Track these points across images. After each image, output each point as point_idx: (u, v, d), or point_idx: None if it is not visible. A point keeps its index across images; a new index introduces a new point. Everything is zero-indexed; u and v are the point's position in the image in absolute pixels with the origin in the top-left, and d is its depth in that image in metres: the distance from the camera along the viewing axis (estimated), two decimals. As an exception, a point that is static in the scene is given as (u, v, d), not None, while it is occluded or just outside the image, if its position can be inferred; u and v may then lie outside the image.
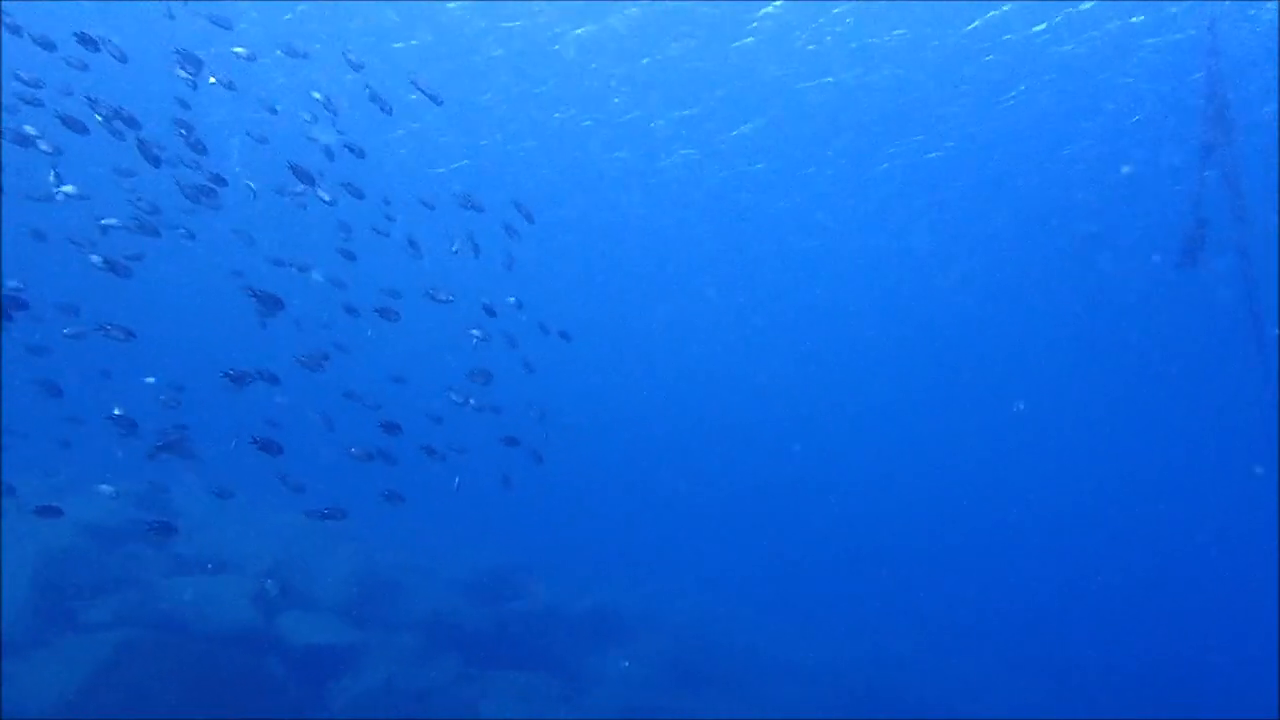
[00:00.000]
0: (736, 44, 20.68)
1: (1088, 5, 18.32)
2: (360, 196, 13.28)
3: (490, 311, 13.72)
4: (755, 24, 19.77)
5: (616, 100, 22.98)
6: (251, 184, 13.99)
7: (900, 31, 19.54)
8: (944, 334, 32.12)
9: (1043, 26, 18.97)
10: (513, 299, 14.48)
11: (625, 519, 30.90)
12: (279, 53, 17.78)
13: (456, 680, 16.57)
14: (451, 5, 20.20)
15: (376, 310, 11.97)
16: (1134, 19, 18.41)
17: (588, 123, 23.64)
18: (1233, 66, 17.59)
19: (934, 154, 23.73)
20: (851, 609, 24.14)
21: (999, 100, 21.40)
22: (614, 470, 33.77)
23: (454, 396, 13.37)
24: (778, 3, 19.06)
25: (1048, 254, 26.49)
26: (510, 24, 20.37)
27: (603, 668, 18.76)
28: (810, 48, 20.38)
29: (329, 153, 15.01)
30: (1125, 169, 23.06)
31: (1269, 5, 18.21)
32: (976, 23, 19.20)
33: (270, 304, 9.38)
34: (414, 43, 21.49)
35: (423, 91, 14.98)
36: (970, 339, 32.03)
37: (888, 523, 33.35)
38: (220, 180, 11.11)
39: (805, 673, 19.52)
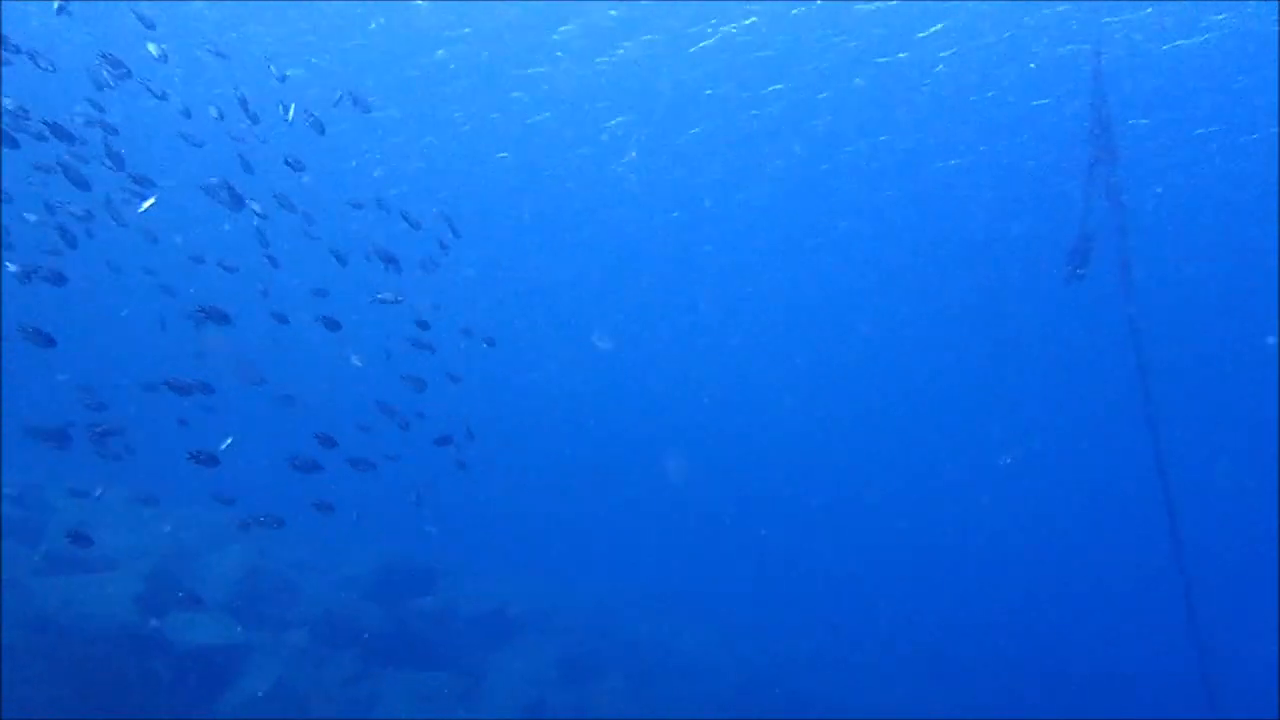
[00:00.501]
0: (693, 48, 20.76)
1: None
2: (291, 209, 13.08)
3: (424, 325, 13.71)
4: (711, 29, 19.90)
5: (570, 100, 22.84)
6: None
7: (846, 40, 19.81)
8: (856, 338, 32.90)
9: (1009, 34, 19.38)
10: (425, 316, 14.38)
11: (531, 518, 30.77)
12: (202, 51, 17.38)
13: (350, 681, 16.24)
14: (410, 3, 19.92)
15: (321, 319, 11.84)
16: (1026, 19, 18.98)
17: (542, 116, 23.35)
18: (1117, 83, 18.37)
19: (871, 161, 24.19)
20: (749, 607, 24.47)
21: (943, 108, 21.90)
22: (523, 471, 33.60)
23: (387, 405, 13.31)
24: (743, 23, 19.25)
25: (947, 260, 27.35)
26: (464, 30, 20.14)
27: (503, 666, 18.61)
28: (764, 54, 20.59)
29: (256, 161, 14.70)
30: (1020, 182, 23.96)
31: (1153, 27, 19.07)
32: (934, 27, 19.52)
33: (216, 318, 9.27)
34: (362, 43, 21.08)
35: (354, 100, 14.97)
36: (883, 345, 32.87)
37: (789, 522, 33.93)
38: (146, 182, 10.89)
39: (703, 669, 19.70)
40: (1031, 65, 19.90)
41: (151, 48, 12.70)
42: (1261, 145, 22.15)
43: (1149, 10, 18.35)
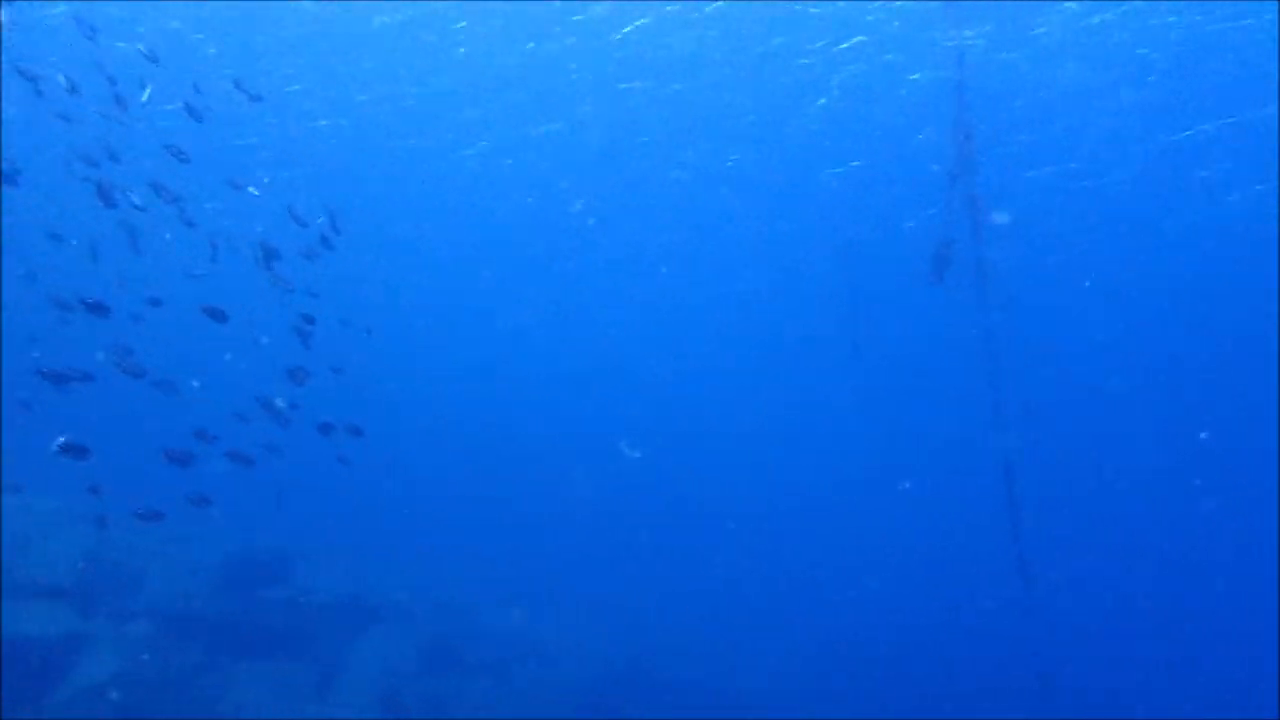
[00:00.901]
0: (551, 43, 20.57)
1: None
2: (171, 199, 12.64)
3: (309, 319, 13.44)
4: (575, 22, 19.76)
5: (421, 88, 22.32)
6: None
7: (704, 42, 19.98)
8: (717, 332, 33.42)
9: (847, 44, 19.88)
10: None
11: (391, 506, 30.23)
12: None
13: (196, 672, 15.64)
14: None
15: (204, 309, 11.60)
16: (888, 57, 19.77)
17: (405, 99, 22.77)
18: (979, 98, 19.16)
19: (728, 162, 24.47)
20: (611, 593, 24.61)
21: (791, 114, 22.32)
22: (383, 458, 32.91)
23: (268, 398, 13.01)
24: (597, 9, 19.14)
25: (815, 265, 28.08)
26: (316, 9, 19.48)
27: (360, 656, 18.23)
28: (621, 54, 20.57)
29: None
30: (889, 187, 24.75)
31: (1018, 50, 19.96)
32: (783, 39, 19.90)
33: (96, 310, 8.99)
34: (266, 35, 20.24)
35: (244, 91, 14.62)
36: (742, 339, 33.50)
37: (650, 510, 34.24)
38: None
39: (566, 659, 19.70)
40: (914, 77, 20.60)
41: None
42: (1118, 166, 23.50)
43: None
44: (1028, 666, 18.42)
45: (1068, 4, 18.37)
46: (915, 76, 20.50)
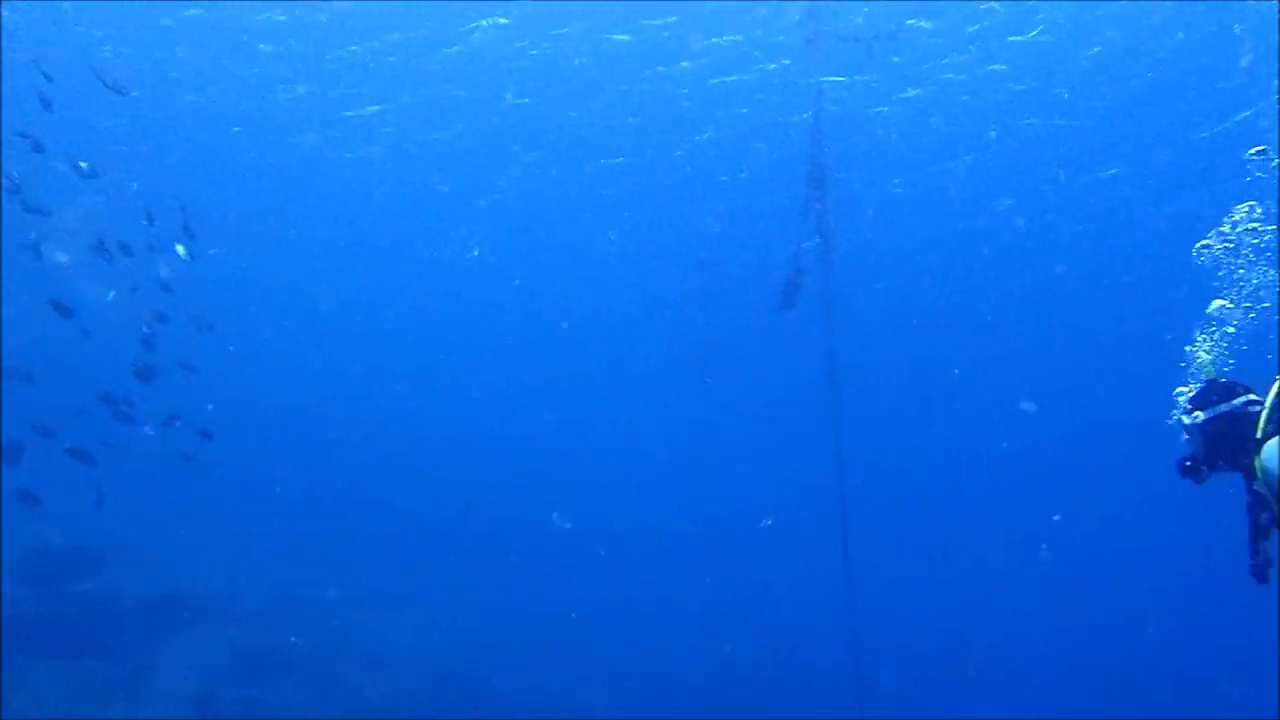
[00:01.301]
0: (450, 49, 20.24)
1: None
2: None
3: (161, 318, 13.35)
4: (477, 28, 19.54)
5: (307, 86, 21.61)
6: None
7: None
8: (566, 343, 33.56)
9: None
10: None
11: (215, 501, 28.98)
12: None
13: (-14, 670, 14.56)
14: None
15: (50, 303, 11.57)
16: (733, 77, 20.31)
17: (289, 96, 21.93)
18: (832, 134, 19.91)
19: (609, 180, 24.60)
20: (444, 598, 24.26)
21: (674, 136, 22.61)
22: (224, 455, 31.45)
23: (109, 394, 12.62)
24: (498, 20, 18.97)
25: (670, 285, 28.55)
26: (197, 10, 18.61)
27: (174, 657, 17.37)
28: (512, 65, 20.44)
29: None
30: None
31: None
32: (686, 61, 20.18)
33: None
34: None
35: (105, 84, 14.11)
36: (589, 351, 33.70)
37: (501, 523, 33.97)
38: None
39: (397, 662, 19.27)
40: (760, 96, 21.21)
41: None
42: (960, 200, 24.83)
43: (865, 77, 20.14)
44: (848, 676, 19.04)
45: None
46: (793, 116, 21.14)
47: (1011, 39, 19.22)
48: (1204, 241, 6.93)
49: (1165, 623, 27.72)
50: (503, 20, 19.24)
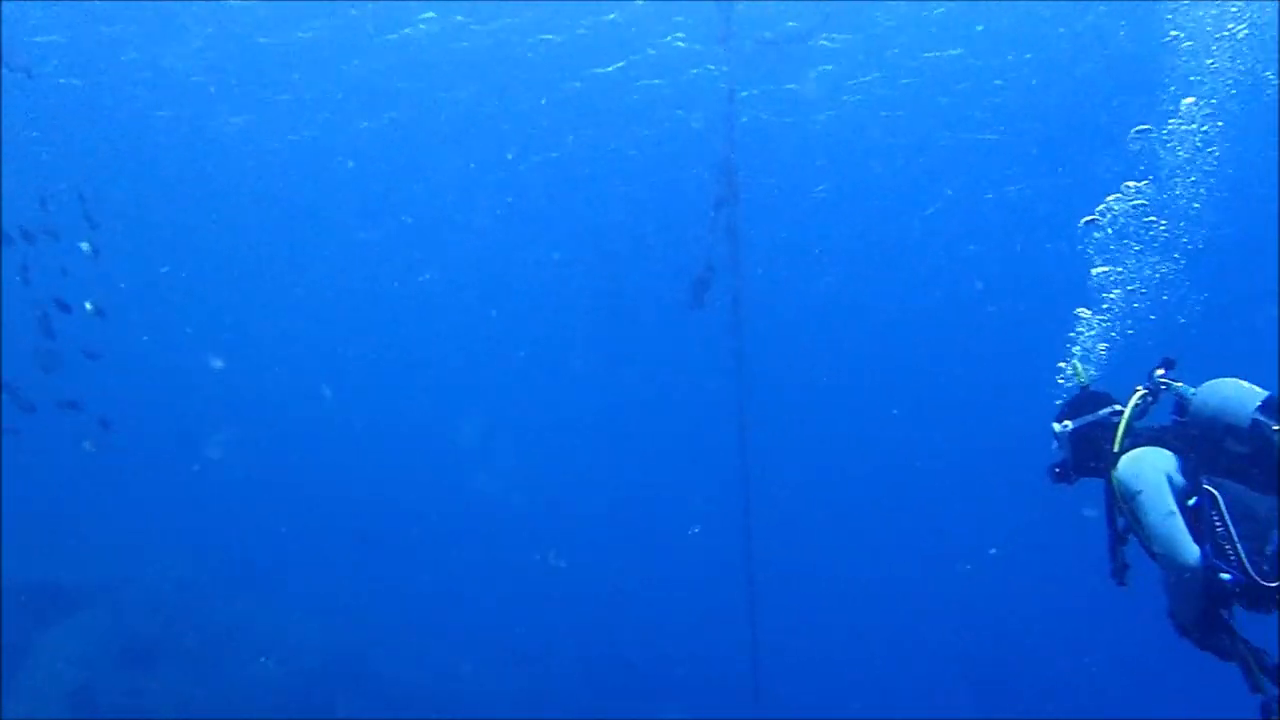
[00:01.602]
0: (382, 38, 19.84)
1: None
2: None
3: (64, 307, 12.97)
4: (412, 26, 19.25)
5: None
6: None
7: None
8: (469, 332, 33.37)
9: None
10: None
11: (111, 490, 27.95)
12: None
13: None
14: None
15: None
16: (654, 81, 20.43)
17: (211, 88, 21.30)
18: (744, 136, 20.19)
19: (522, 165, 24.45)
20: (332, 586, 23.80)
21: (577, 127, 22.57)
22: (117, 442, 30.25)
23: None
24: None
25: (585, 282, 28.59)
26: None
27: (50, 645, 16.66)
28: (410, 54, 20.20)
29: None
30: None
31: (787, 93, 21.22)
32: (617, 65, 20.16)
33: None
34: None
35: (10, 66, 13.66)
36: (495, 340, 33.52)
37: (390, 511, 33.39)
38: None
39: (275, 648, 18.69)
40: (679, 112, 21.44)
41: None
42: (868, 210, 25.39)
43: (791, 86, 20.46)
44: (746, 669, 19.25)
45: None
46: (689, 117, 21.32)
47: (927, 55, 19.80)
48: (1089, 217, 7.21)
49: (1054, 625, 28.45)
50: (432, 15, 19.09)
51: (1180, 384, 4.85)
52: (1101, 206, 7.25)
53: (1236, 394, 4.53)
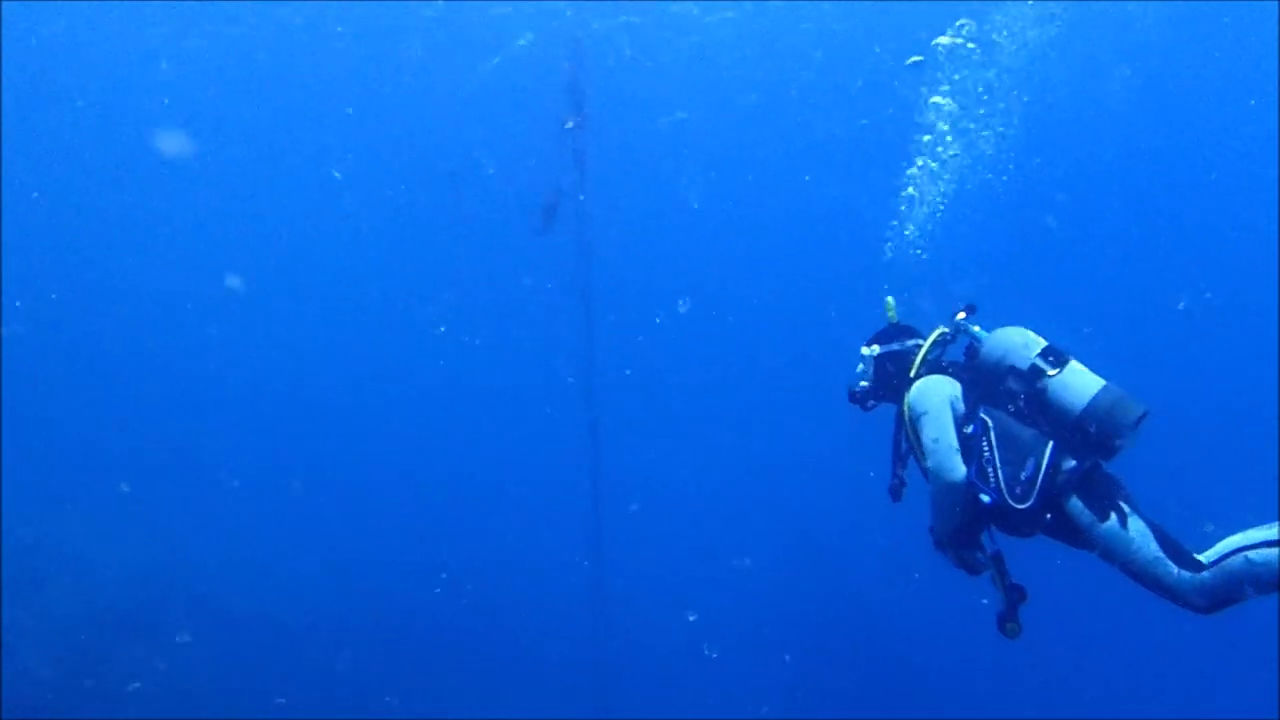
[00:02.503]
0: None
1: None
2: None
3: None
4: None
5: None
6: None
7: None
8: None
9: None
10: None
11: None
12: None
13: None
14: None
15: None
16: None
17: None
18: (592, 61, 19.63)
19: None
20: (154, 502, 22.73)
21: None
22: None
23: None
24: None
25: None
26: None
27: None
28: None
29: None
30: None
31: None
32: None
33: None
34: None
35: None
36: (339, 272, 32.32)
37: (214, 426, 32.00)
38: None
39: (96, 568, 17.61)
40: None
41: None
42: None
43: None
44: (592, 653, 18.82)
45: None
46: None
47: None
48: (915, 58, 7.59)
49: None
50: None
51: (977, 328, 5.36)
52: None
53: (1023, 340, 5.09)
